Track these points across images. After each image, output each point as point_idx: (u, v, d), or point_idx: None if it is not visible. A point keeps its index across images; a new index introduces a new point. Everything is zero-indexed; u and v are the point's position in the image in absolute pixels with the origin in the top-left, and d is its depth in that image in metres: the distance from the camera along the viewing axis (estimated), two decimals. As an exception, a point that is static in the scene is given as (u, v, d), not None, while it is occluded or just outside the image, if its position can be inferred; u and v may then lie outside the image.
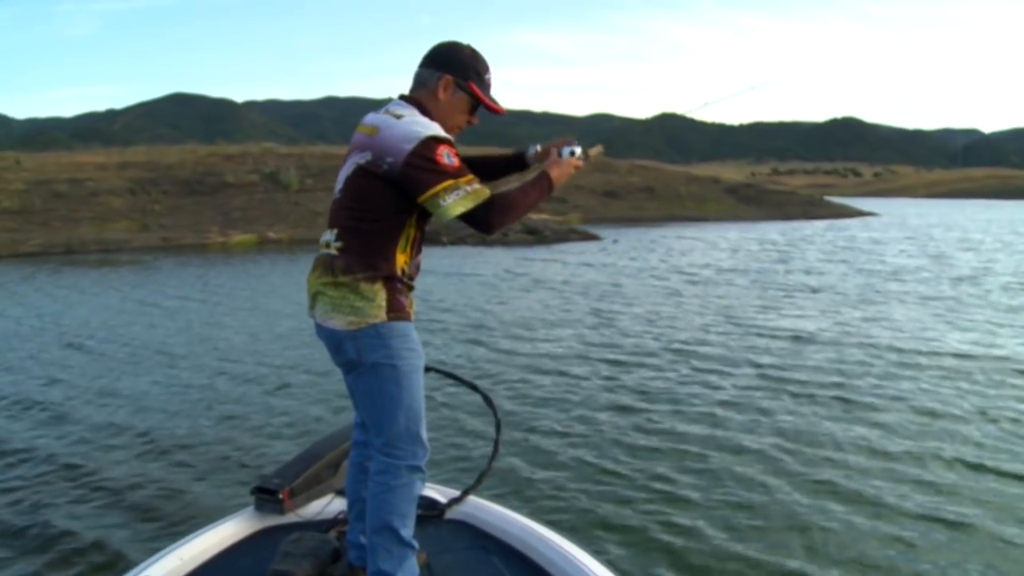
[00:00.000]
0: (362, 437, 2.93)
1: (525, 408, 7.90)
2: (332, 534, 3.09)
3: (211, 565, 2.98)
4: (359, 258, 2.61)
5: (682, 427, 7.24)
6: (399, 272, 2.65)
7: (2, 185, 32.23)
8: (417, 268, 2.77)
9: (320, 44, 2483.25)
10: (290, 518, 3.28)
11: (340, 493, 3.40)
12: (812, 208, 51.27)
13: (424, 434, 2.71)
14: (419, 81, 2.77)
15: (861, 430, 7.09)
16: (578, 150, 2.88)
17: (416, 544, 2.73)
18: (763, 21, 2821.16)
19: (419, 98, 2.73)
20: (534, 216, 31.99)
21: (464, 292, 16.34)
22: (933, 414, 7.58)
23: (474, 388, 3.59)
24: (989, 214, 60.50)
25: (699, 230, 35.84)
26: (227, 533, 3.16)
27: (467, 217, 2.58)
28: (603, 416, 7.60)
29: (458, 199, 2.54)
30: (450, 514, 3.34)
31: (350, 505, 2.96)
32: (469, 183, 2.58)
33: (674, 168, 70.30)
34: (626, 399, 8.21)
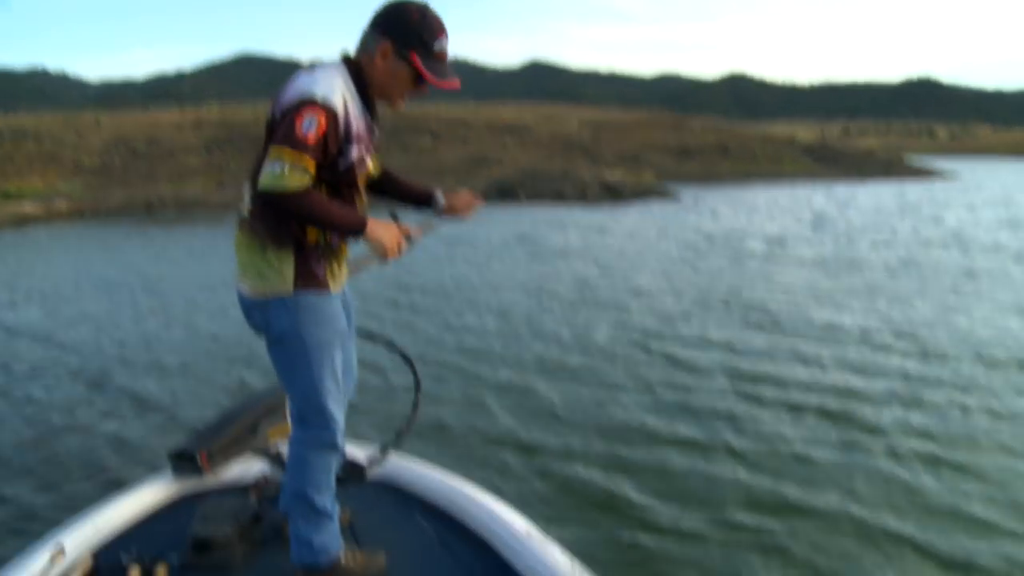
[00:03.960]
0: None
1: (457, 364, 8.14)
2: (252, 496, 3.02)
3: (128, 533, 2.88)
4: (264, 222, 2.42)
5: (611, 392, 7.25)
6: (311, 242, 2.46)
7: (84, 144, 32.87)
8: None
9: None
10: (209, 482, 3.19)
11: (259, 454, 3.37)
12: (891, 168, 49.51)
13: (334, 408, 2.58)
14: (361, 43, 2.47)
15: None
16: (415, 228, 2.60)
17: (334, 511, 2.67)
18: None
19: (359, 61, 2.46)
20: (609, 175, 31.51)
21: (466, 258, 16.08)
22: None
23: (392, 347, 3.51)
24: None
25: (777, 190, 34.91)
26: (143, 499, 3.06)
27: (270, 196, 2.27)
28: (534, 376, 7.71)
29: (273, 172, 2.24)
30: (372, 473, 3.29)
31: None
32: (296, 161, 2.24)
33: (746, 127, 68.68)
34: (567, 360, 8.22)
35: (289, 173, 2.23)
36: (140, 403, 7.08)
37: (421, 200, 2.91)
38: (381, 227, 2.44)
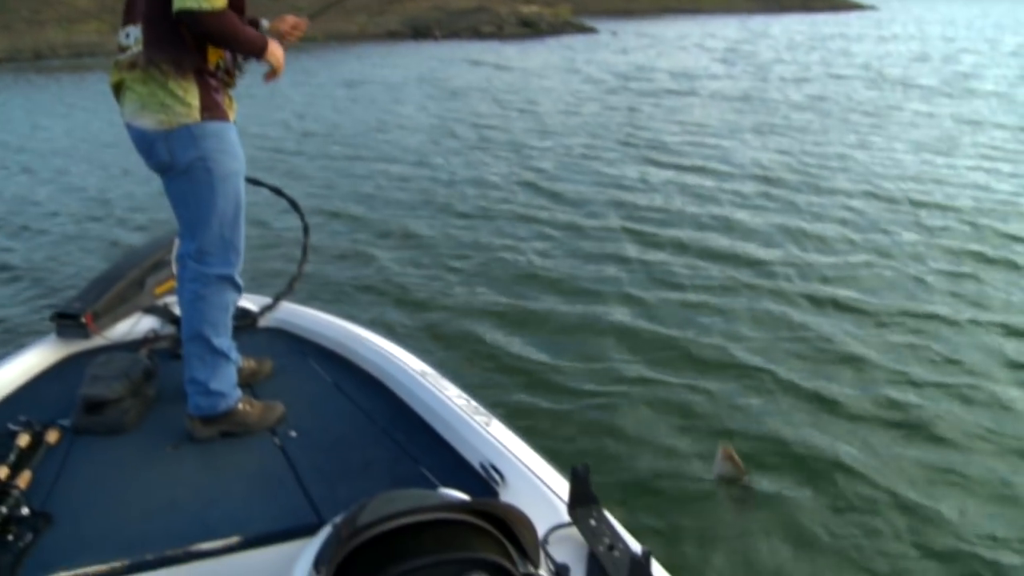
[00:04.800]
0: None
1: (348, 211, 8.12)
2: (143, 352, 2.95)
3: (14, 399, 2.79)
4: (163, 51, 2.36)
5: (504, 238, 7.33)
6: (211, 67, 2.44)
7: (-47, -16, 30.31)
8: (236, 64, 2.54)
9: None
10: (97, 341, 3.11)
11: (148, 311, 3.31)
12: (810, 1, 49.11)
13: (239, 243, 2.60)
14: None
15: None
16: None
17: (232, 354, 2.64)
18: None
19: None
20: (525, 9, 30.59)
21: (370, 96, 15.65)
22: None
23: (279, 193, 3.47)
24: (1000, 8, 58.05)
25: (695, 23, 34.46)
26: (28, 364, 2.98)
27: (189, 16, 2.25)
28: (427, 223, 7.71)
29: None
30: (264, 322, 3.29)
31: None
32: None
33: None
34: (461, 206, 8.24)
35: None
36: (19, 268, 6.76)
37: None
38: (276, 46, 2.51)
